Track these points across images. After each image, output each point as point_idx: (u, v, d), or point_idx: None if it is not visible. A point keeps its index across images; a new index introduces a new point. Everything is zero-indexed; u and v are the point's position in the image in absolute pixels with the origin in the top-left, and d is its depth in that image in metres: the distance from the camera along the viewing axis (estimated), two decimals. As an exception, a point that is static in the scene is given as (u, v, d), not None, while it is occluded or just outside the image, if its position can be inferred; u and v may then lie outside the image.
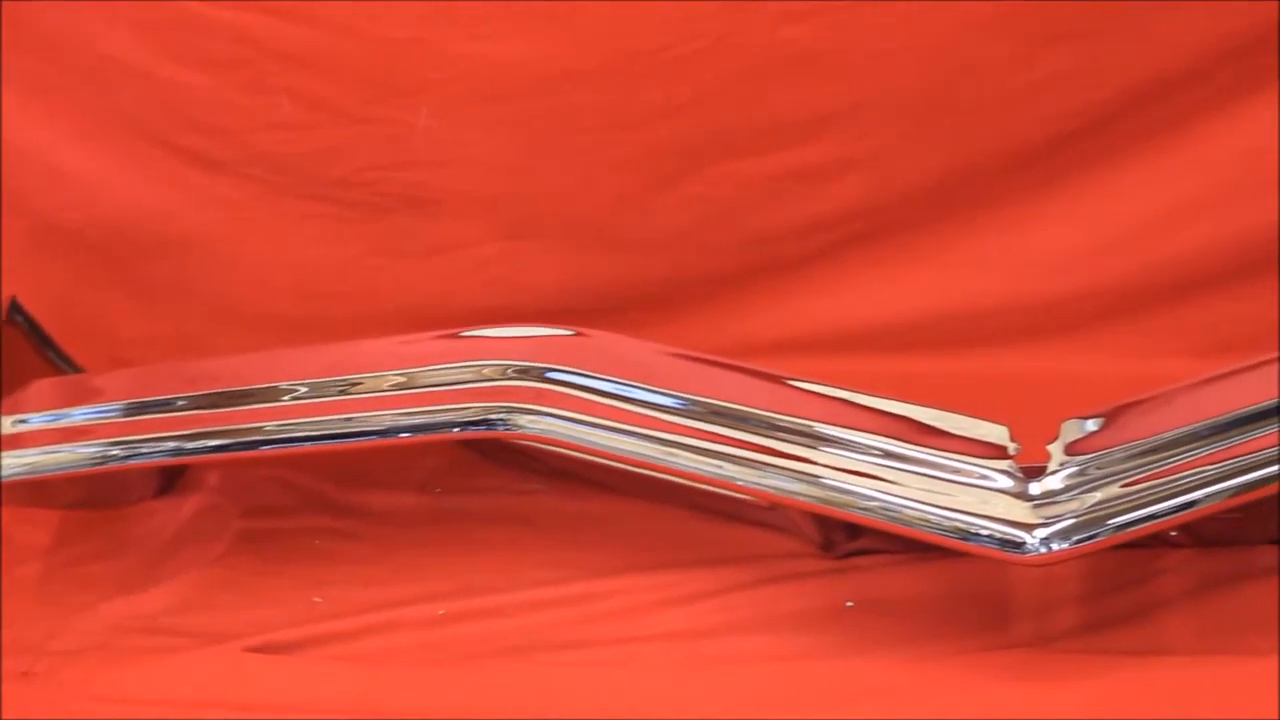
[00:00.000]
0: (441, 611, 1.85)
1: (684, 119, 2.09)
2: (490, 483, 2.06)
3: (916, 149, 2.09)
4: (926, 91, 2.06)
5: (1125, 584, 1.79)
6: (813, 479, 1.70)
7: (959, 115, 2.07)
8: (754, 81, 2.06)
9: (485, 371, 1.80)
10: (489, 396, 1.78)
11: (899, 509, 1.66)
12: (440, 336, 1.87)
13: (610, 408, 1.77)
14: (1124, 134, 2.07)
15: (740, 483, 1.72)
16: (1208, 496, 1.63)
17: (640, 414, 1.76)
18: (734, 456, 1.72)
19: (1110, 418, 1.69)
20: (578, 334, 1.84)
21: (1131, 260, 2.10)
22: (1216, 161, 2.06)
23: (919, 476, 1.68)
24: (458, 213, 2.16)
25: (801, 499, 1.70)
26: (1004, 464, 1.66)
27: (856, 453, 1.70)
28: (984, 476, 1.67)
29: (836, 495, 1.69)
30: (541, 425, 1.77)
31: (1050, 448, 1.67)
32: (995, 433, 1.68)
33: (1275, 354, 1.69)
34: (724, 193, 2.12)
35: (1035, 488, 1.65)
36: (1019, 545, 1.62)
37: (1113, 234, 2.11)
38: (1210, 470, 1.63)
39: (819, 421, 1.72)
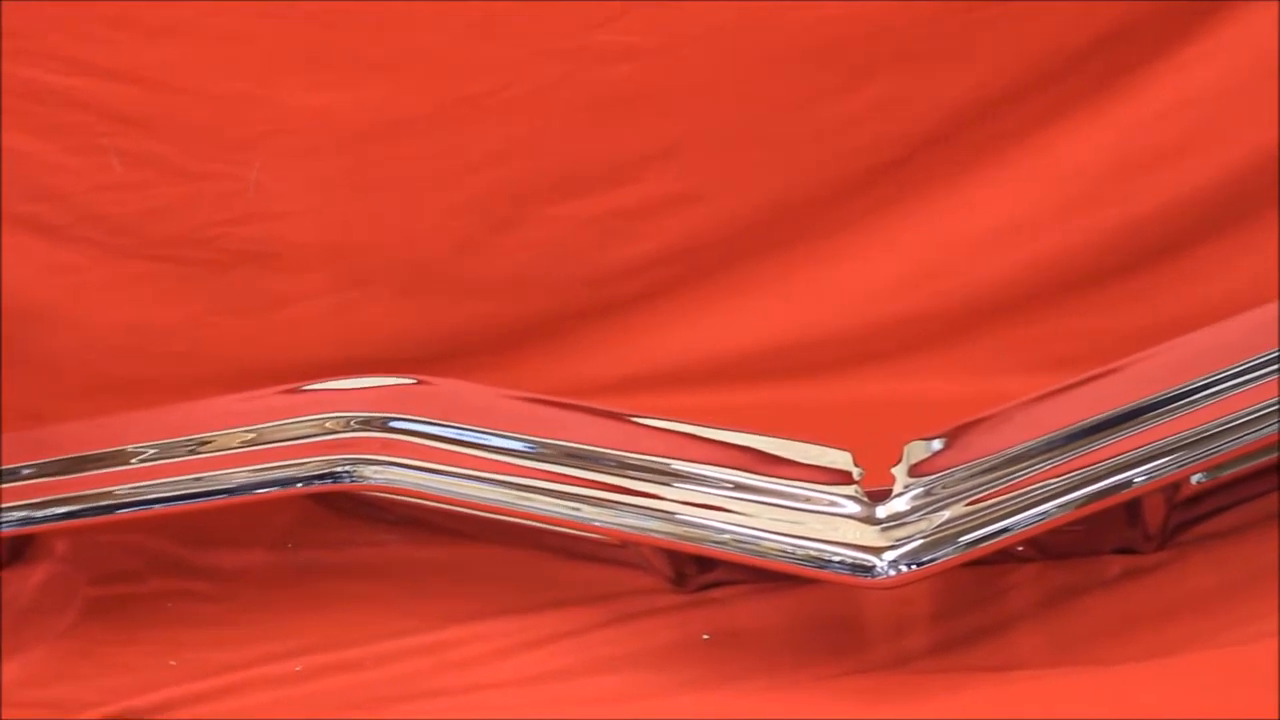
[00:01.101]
0: (298, 668, 1.82)
1: (516, 162, 2.10)
2: (341, 536, 2.05)
3: (746, 182, 2.11)
4: (752, 125, 2.08)
5: (976, 601, 1.81)
6: (667, 515, 1.70)
7: (785, 147, 2.09)
8: (583, 122, 2.07)
9: (328, 425, 1.79)
10: (333, 449, 1.78)
11: (752, 541, 1.67)
12: (282, 392, 1.87)
13: (458, 454, 1.77)
14: (946, 158, 2.10)
15: (596, 523, 1.73)
16: (1052, 510, 1.65)
17: (489, 459, 1.76)
18: (588, 497, 1.73)
19: (952, 438, 1.70)
20: (420, 382, 1.84)
21: (961, 281, 2.13)
22: (1039, 180, 2.09)
23: (769, 507, 1.69)
24: (296, 265, 2.15)
25: (658, 536, 1.71)
26: (850, 489, 1.67)
27: (707, 487, 1.70)
28: (831, 503, 1.67)
29: (691, 530, 1.69)
30: (387, 475, 1.77)
31: (894, 470, 1.68)
32: (839, 459, 1.69)
33: (1108, 367, 1.73)
34: (560, 233, 2.13)
35: (882, 511, 1.66)
36: (869, 569, 1.63)
37: (941, 256, 2.13)
38: (1053, 484, 1.65)
39: (668, 458, 1.73)
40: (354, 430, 1.79)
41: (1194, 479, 1.77)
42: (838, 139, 2.09)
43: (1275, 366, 1.67)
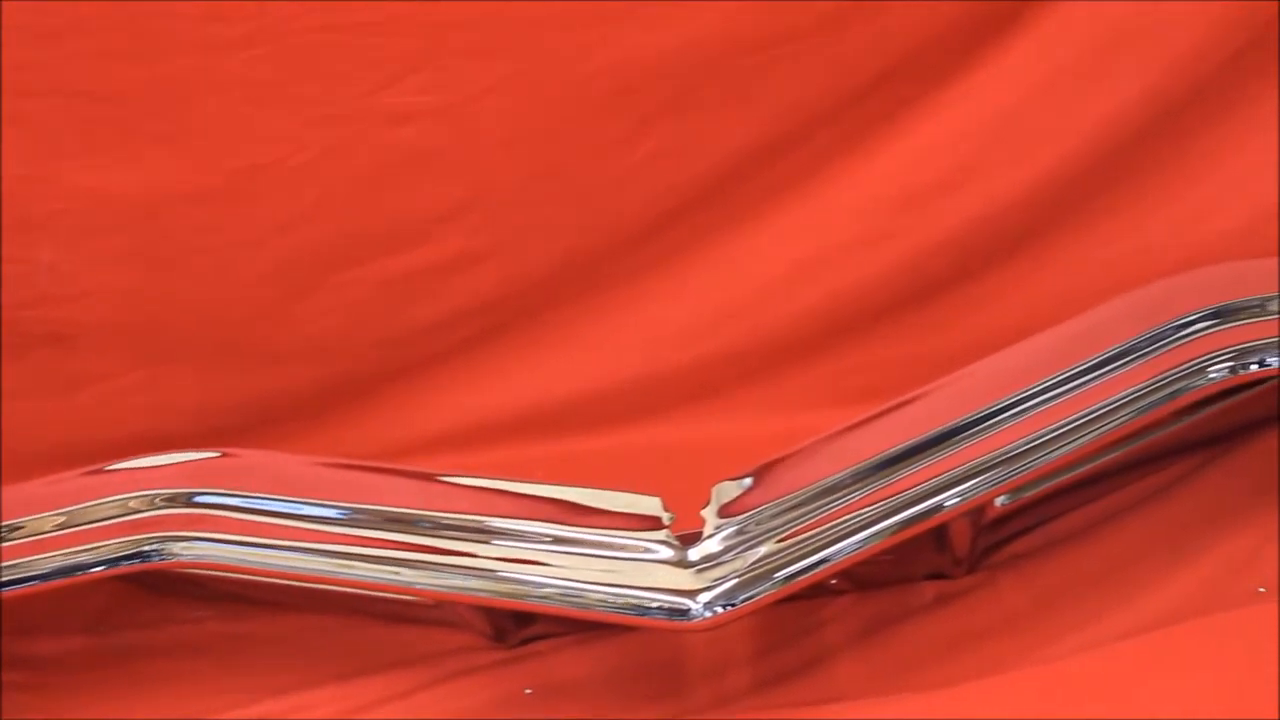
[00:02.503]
0: (123, 752, 1.82)
1: (310, 228, 2.07)
2: (157, 615, 2.00)
3: (540, 235, 2.10)
4: (541, 178, 2.07)
5: (794, 636, 1.82)
6: (489, 574, 1.70)
7: (577, 198, 2.08)
8: (373, 184, 2.06)
9: (132, 504, 1.77)
10: (140, 529, 1.75)
11: (573, 592, 1.67)
12: (87, 473, 1.84)
13: (268, 525, 1.75)
14: (737, 199, 2.10)
15: (417, 586, 1.72)
16: (863, 540, 1.66)
17: (302, 528, 1.75)
18: (407, 560, 1.72)
19: (759, 476, 1.72)
20: (224, 454, 1.82)
21: (760, 320, 2.13)
22: (831, 215, 2.09)
23: (585, 557, 1.69)
24: (94, 346, 2.11)
25: (481, 595, 1.71)
26: (661, 534, 1.68)
27: (523, 541, 1.71)
28: (645, 550, 1.69)
29: (513, 587, 1.69)
30: (197, 551, 1.74)
31: (704, 513, 1.70)
32: (648, 505, 1.70)
33: (909, 395, 1.75)
34: (358, 297, 2.11)
35: (694, 553, 1.67)
36: (684, 613, 1.64)
37: (739, 296, 2.13)
38: (863, 514, 1.67)
39: (483, 515, 1.73)
40: (160, 508, 1.76)
41: (998, 501, 1.80)
42: (628, 187, 2.08)
43: (1069, 386, 1.71)
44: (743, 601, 1.65)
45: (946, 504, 1.68)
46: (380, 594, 1.80)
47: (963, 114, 2.06)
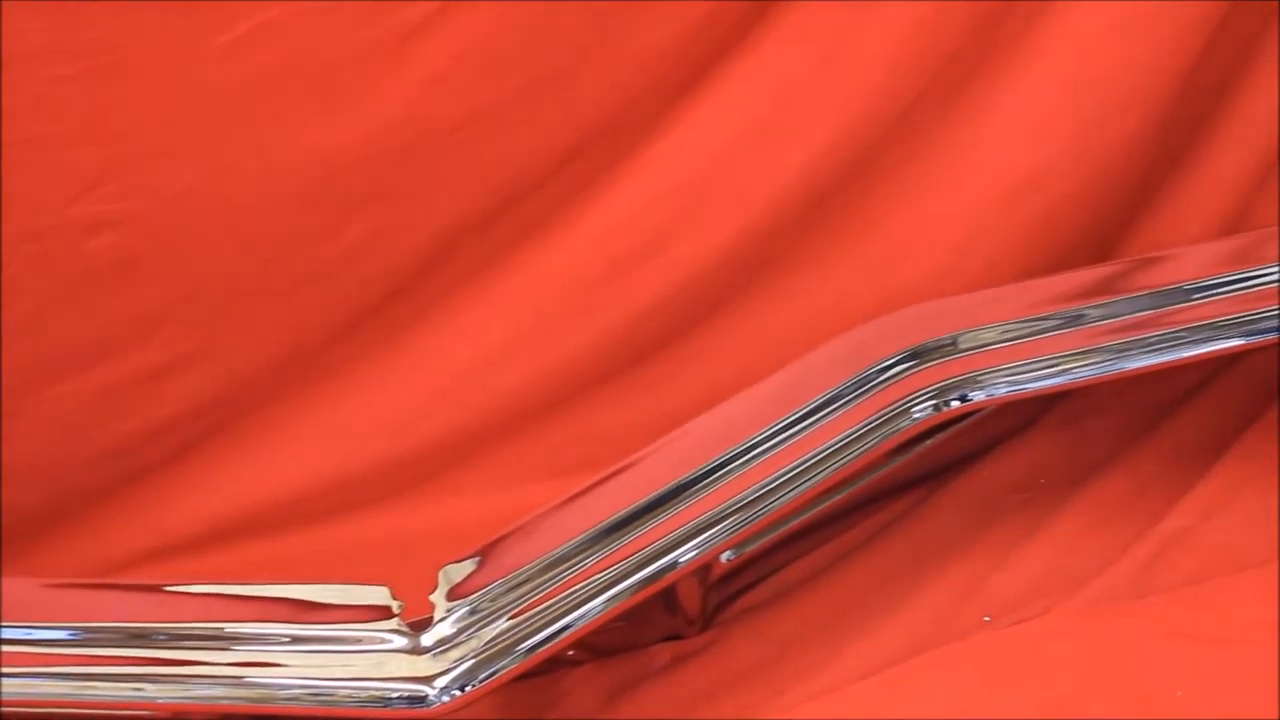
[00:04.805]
0: None
1: (13, 346, 2.00)
2: (-113, 759, 1.97)
3: (249, 333, 2.07)
4: (247, 275, 2.04)
5: (537, 711, 1.83)
6: (233, 680, 1.68)
7: (284, 293, 2.05)
8: (74, 297, 2.00)
9: None
10: None
11: (319, 692, 1.67)
12: None
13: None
14: (443, 281, 2.09)
15: (163, 701, 1.68)
16: (597, 607, 1.69)
17: (34, 653, 1.70)
18: (149, 675, 1.69)
19: (485, 555, 1.73)
20: (-62, 585, 1.78)
21: (473, 400, 2.12)
22: (536, 290, 2.09)
23: (324, 654, 1.68)
24: None
25: (229, 703, 1.68)
26: (391, 623, 1.68)
27: (262, 644, 1.69)
28: (380, 640, 1.68)
29: (259, 692, 1.68)
30: (-79, 689, 1.71)
31: (433, 597, 1.70)
32: (376, 595, 1.70)
33: (625, 462, 1.77)
34: (67, 412, 2.04)
35: (427, 639, 1.68)
36: (423, 699, 1.64)
37: (450, 378, 2.12)
38: (595, 580, 1.70)
39: (218, 621, 1.71)
40: (-124, 649, 1.73)
41: (724, 557, 1.82)
42: (334, 277, 2.06)
43: (782, 437, 1.75)
44: (481, 681, 1.66)
45: (680, 560, 1.71)
46: (122, 713, 1.77)
47: (659, 177, 2.07)
